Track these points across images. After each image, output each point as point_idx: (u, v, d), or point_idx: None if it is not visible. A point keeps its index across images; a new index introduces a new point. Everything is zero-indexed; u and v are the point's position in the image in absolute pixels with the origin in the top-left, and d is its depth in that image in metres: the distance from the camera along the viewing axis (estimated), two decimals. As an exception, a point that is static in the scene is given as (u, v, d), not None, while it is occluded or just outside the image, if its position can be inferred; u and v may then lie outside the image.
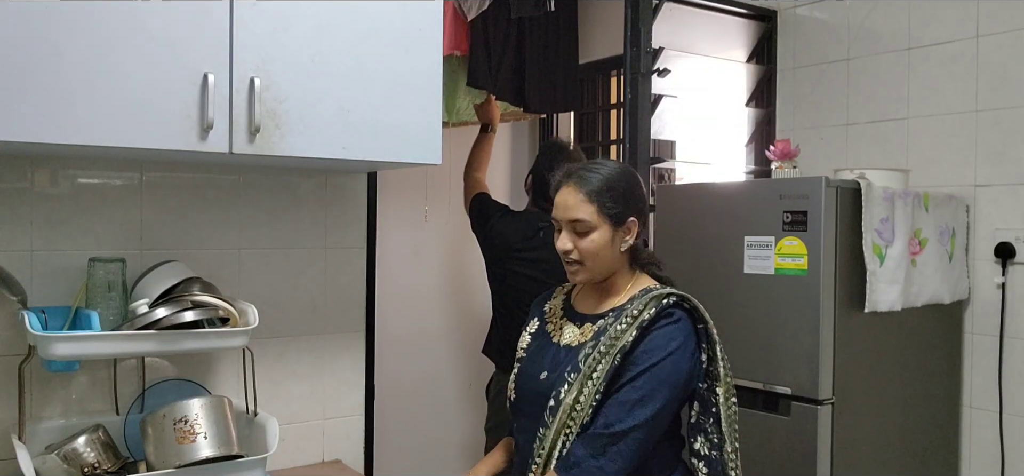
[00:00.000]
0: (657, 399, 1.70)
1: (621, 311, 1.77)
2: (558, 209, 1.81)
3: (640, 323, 1.73)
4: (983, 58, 2.91)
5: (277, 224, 2.25)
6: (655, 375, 1.70)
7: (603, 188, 1.77)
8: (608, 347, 1.72)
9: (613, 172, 1.81)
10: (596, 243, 1.77)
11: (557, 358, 1.82)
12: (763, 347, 2.60)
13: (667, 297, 1.76)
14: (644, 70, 3.00)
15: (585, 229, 1.77)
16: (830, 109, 3.34)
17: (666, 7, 3.13)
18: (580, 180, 1.78)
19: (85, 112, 1.60)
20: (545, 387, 1.78)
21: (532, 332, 1.95)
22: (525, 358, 1.91)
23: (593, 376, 1.71)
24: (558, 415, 1.72)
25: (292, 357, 2.29)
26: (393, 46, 1.95)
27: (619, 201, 1.78)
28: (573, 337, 1.83)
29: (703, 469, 1.79)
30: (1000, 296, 2.86)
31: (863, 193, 2.52)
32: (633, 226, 1.81)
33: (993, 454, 2.88)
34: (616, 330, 1.73)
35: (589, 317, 1.84)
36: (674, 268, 2.87)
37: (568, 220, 1.79)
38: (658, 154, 3.24)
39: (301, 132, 1.83)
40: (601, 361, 1.72)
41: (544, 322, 1.94)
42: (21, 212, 1.92)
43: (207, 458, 1.77)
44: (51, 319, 1.85)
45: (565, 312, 1.92)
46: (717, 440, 1.79)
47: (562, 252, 1.81)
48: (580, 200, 1.77)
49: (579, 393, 1.71)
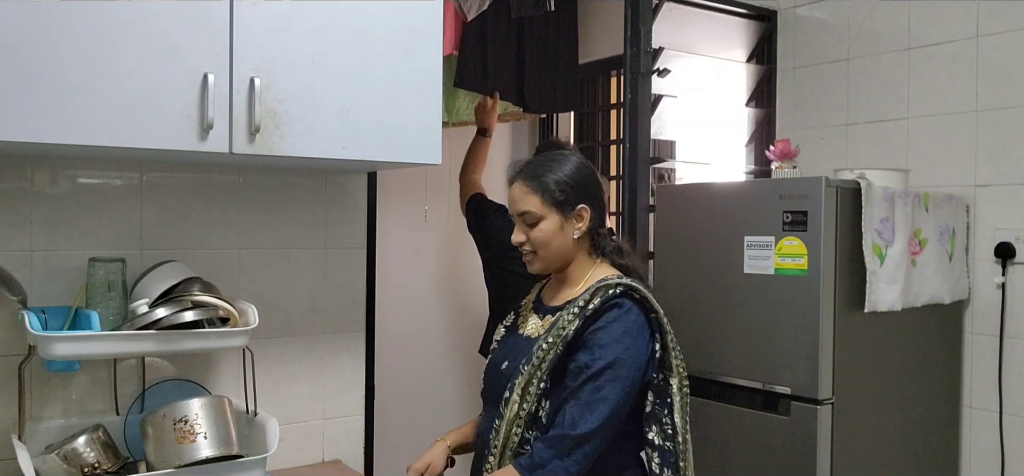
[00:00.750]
0: (617, 395, 1.73)
1: (574, 302, 1.82)
2: (509, 204, 1.90)
3: (584, 313, 1.77)
4: (983, 58, 2.91)
5: (277, 224, 2.25)
6: (614, 371, 1.73)
7: (548, 178, 1.84)
8: (556, 337, 1.78)
9: (560, 163, 1.88)
10: (545, 232, 1.84)
11: (518, 348, 1.88)
12: (763, 347, 2.60)
13: (614, 287, 1.80)
14: (644, 70, 3.00)
15: (533, 220, 1.84)
16: (830, 109, 3.34)
17: (666, 7, 3.13)
18: (527, 174, 1.86)
19: (85, 112, 1.60)
20: (504, 377, 1.84)
21: (507, 325, 2.01)
22: (495, 348, 1.98)
23: (541, 366, 1.77)
24: (510, 405, 1.78)
25: (292, 357, 2.29)
26: (393, 46, 1.95)
27: (566, 189, 1.84)
28: (535, 328, 1.89)
29: (656, 458, 1.81)
30: (1000, 296, 2.86)
31: (863, 193, 2.52)
32: (584, 213, 1.86)
33: (993, 454, 2.88)
34: (564, 320, 1.79)
35: (550, 309, 1.90)
36: (674, 268, 2.89)
37: (518, 214, 1.87)
38: (658, 154, 3.24)
39: (301, 132, 1.83)
40: (549, 352, 1.77)
41: (517, 314, 2.01)
42: (21, 212, 1.92)
43: (207, 458, 1.77)
44: (51, 319, 1.85)
45: (534, 305, 1.98)
46: (671, 431, 1.81)
47: (516, 244, 1.88)
48: (525, 192, 1.85)
49: (528, 382, 1.77)
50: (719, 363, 2.72)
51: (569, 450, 1.70)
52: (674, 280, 2.88)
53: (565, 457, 1.70)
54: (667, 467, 1.79)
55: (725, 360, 2.70)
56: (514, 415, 1.77)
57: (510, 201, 1.89)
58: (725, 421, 2.69)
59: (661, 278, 2.93)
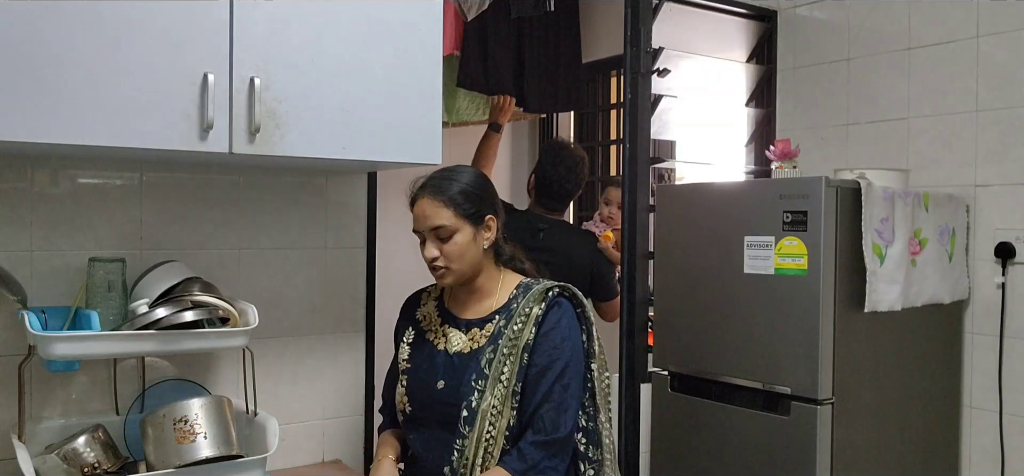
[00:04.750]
0: (578, 387, 1.85)
1: (509, 311, 1.87)
2: (418, 220, 1.90)
3: (535, 319, 1.84)
4: (983, 58, 2.91)
5: (277, 224, 2.25)
6: (572, 367, 1.84)
7: (457, 192, 1.87)
8: (511, 348, 1.82)
9: (463, 176, 1.91)
10: (459, 245, 1.86)
11: (451, 366, 1.88)
12: (763, 347, 2.59)
13: (551, 289, 1.88)
14: (644, 70, 3.00)
15: (447, 234, 1.86)
16: (830, 109, 3.33)
17: (666, 7, 3.13)
18: (434, 189, 1.88)
19: (85, 112, 1.60)
20: (446, 396, 1.85)
21: (410, 342, 2.00)
22: (412, 368, 1.95)
23: (502, 379, 1.80)
24: (476, 423, 1.79)
25: (292, 357, 2.29)
26: (393, 46, 1.95)
27: (474, 201, 1.88)
28: (462, 343, 1.90)
29: (582, 440, 1.90)
30: (1000, 296, 2.86)
31: (863, 193, 2.51)
32: (492, 223, 1.91)
33: (993, 454, 2.88)
34: (514, 330, 1.83)
35: (475, 322, 1.92)
36: (674, 268, 2.89)
37: (430, 228, 1.87)
38: (658, 154, 3.24)
39: (301, 132, 1.83)
40: (506, 363, 1.81)
41: (421, 330, 1.99)
42: (21, 212, 1.92)
43: (207, 458, 1.77)
44: (51, 319, 1.85)
45: (443, 318, 1.97)
46: (592, 412, 1.91)
47: (429, 260, 1.89)
48: (437, 207, 1.86)
49: (492, 398, 1.80)
50: (719, 363, 2.72)
51: (556, 451, 1.80)
52: (674, 280, 2.88)
53: (553, 457, 1.80)
54: (592, 445, 1.90)
55: (725, 360, 2.70)
56: (482, 431, 1.79)
57: (420, 217, 1.89)
58: (725, 421, 2.69)
59: (661, 278, 2.93)
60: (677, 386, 2.86)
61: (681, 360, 2.85)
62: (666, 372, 2.90)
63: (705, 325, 2.76)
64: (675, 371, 2.87)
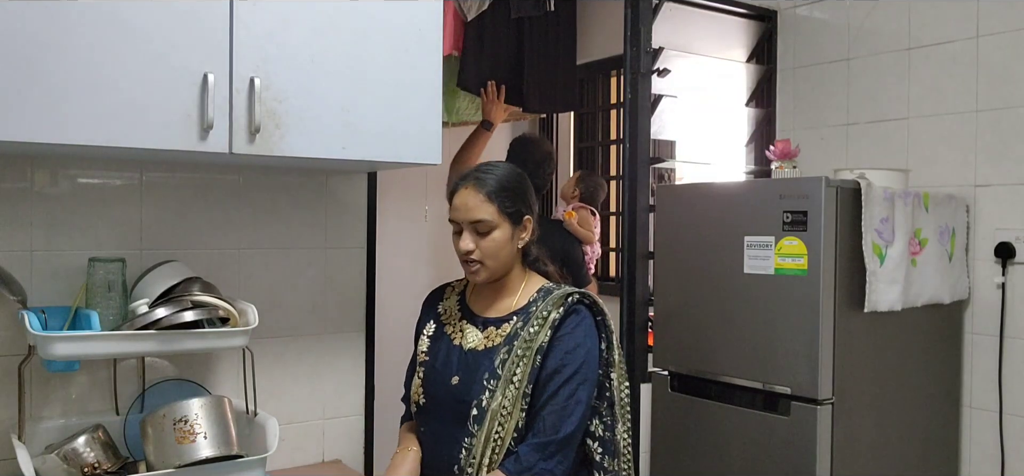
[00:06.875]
0: (587, 394, 1.82)
1: (527, 313, 1.85)
2: (458, 211, 1.87)
3: (552, 323, 1.81)
4: (983, 58, 2.91)
5: (277, 224, 2.25)
6: (582, 374, 1.80)
7: (500, 188, 1.85)
8: (524, 350, 1.80)
9: (507, 173, 1.89)
10: (496, 242, 1.85)
11: (466, 362, 1.87)
12: (763, 347, 2.60)
13: (571, 296, 1.86)
14: (644, 70, 3.00)
15: (487, 229, 1.84)
16: (830, 109, 3.34)
17: (666, 7, 3.13)
18: (478, 182, 1.86)
19: (85, 112, 1.60)
20: (459, 393, 1.84)
21: (430, 335, 1.99)
22: (429, 362, 1.94)
23: (514, 380, 1.79)
24: (485, 423, 1.78)
25: (292, 357, 2.29)
26: (393, 46, 1.95)
27: (516, 200, 1.86)
28: (477, 341, 1.89)
29: (598, 449, 1.87)
30: (1000, 296, 2.86)
31: (863, 193, 2.52)
32: (528, 224, 1.90)
33: (993, 454, 2.88)
34: (529, 333, 1.81)
35: (492, 321, 1.90)
36: (674, 268, 2.89)
37: (470, 221, 1.85)
38: (658, 154, 3.24)
39: (301, 132, 1.83)
40: (519, 364, 1.79)
41: (441, 324, 1.98)
42: (21, 212, 1.92)
43: (207, 458, 1.77)
44: (51, 319, 1.85)
45: (462, 314, 1.97)
46: (610, 422, 1.89)
47: (463, 253, 1.87)
48: (480, 201, 1.84)
49: (503, 398, 1.78)
50: (719, 363, 2.72)
51: (553, 453, 1.77)
52: (674, 280, 2.88)
53: (550, 459, 1.77)
54: (608, 455, 1.87)
55: (725, 360, 2.70)
56: (490, 431, 1.78)
57: (460, 208, 1.86)
58: (725, 421, 2.69)
59: (661, 278, 2.93)
60: (677, 386, 2.86)
61: (681, 360, 2.85)
62: (666, 372, 2.90)
63: (705, 325, 2.76)
64: (675, 371, 2.87)
